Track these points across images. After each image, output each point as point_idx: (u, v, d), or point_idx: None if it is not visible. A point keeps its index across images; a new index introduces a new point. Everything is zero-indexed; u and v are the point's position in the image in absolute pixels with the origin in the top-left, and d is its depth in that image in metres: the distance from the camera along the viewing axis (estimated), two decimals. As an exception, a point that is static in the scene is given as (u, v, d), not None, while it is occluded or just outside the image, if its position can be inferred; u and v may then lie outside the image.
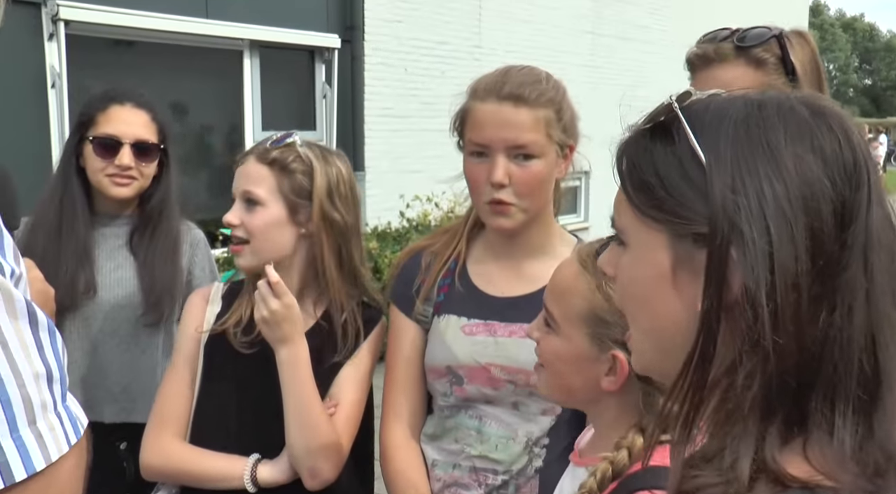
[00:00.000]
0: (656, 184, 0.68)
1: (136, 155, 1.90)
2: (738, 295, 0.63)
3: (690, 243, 0.66)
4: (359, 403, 1.61)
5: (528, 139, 1.41)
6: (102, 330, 1.91)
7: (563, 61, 8.80)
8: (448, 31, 7.86)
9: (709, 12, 11.66)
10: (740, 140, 0.65)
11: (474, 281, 1.52)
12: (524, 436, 1.46)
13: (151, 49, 5.73)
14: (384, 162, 7.32)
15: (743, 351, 0.63)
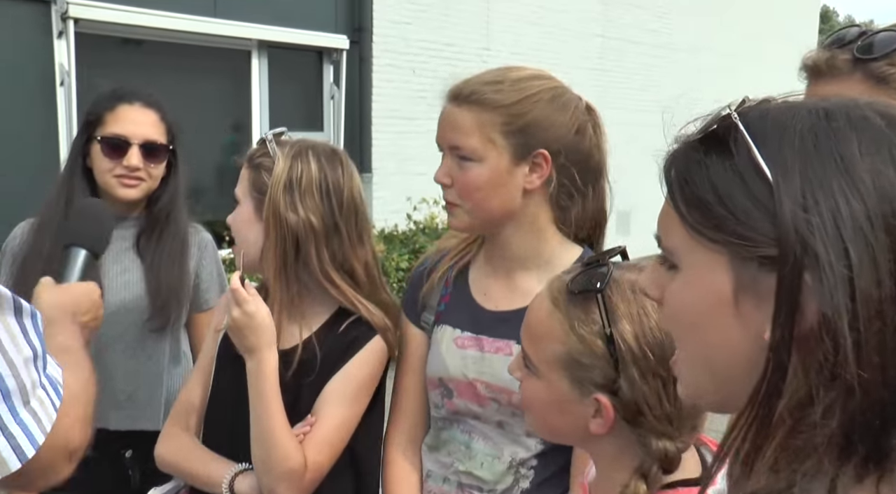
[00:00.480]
0: (714, 202, 0.62)
1: (144, 155, 1.86)
2: (812, 324, 0.57)
3: (756, 267, 0.61)
4: (342, 421, 1.49)
5: (463, 141, 1.36)
6: (107, 335, 1.85)
7: (571, 64, 8.79)
8: (456, 33, 7.86)
9: (718, 17, 11.64)
10: (809, 152, 0.60)
11: (472, 292, 1.49)
12: (509, 456, 1.41)
13: (160, 48, 5.74)
14: (391, 163, 7.32)
15: (821, 385, 0.57)
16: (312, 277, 1.50)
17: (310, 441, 1.46)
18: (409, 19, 7.40)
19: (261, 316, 1.43)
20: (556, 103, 1.38)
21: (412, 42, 7.44)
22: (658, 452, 0.94)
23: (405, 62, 7.39)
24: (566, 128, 1.38)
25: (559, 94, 1.39)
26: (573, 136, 1.39)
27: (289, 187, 1.47)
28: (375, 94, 7.14)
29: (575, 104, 1.41)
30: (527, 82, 1.38)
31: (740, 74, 11.84)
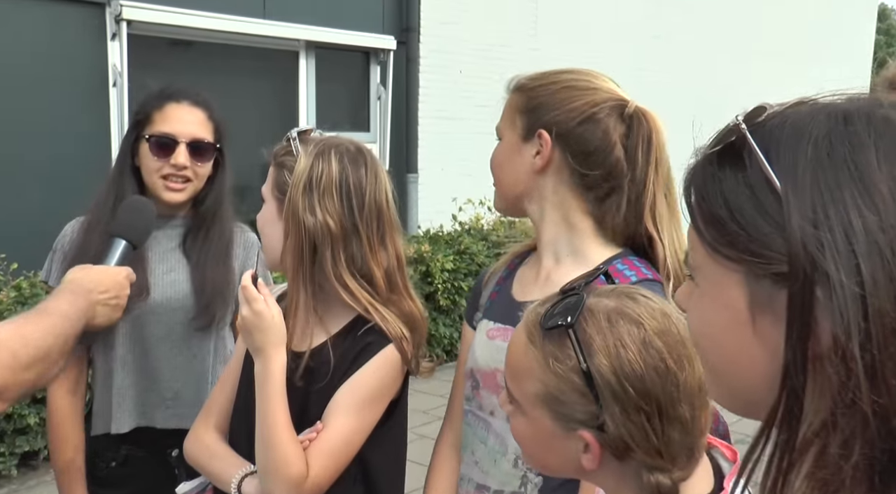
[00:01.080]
0: (727, 218, 0.60)
1: (191, 154, 1.85)
2: (827, 344, 0.54)
3: (770, 284, 0.58)
4: (349, 432, 1.42)
5: (499, 124, 1.47)
6: (154, 334, 1.86)
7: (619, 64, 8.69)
8: (504, 32, 7.82)
9: (771, 18, 11.39)
10: (822, 161, 0.56)
11: (513, 286, 1.51)
12: (513, 454, 1.38)
13: (209, 49, 5.82)
14: (437, 164, 7.31)
15: (838, 412, 0.53)
16: (328, 281, 1.46)
17: (313, 450, 1.41)
18: (457, 19, 7.38)
19: (269, 315, 1.40)
20: (572, 92, 1.38)
21: (459, 42, 7.43)
22: (651, 487, 0.89)
23: (452, 62, 7.38)
24: (572, 114, 1.37)
25: (582, 86, 1.39)
26: (577, 124, 1.37)
27: (308, 188, 1.43)
28: (422, 95, 7.14)
29: (596, 98, 1.38)
30: (557, 74, 1.43)
31: (793, 77, 11.58)
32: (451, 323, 6.03)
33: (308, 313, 1.49)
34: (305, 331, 1.50)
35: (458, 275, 6.05)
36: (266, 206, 1.54)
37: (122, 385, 1.87)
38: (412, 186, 7.06)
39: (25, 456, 4.13)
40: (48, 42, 4.99)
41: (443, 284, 5.91)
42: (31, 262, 4.43)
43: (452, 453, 1.55)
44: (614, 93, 1.41)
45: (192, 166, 1.86)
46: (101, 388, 1.90)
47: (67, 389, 1.90)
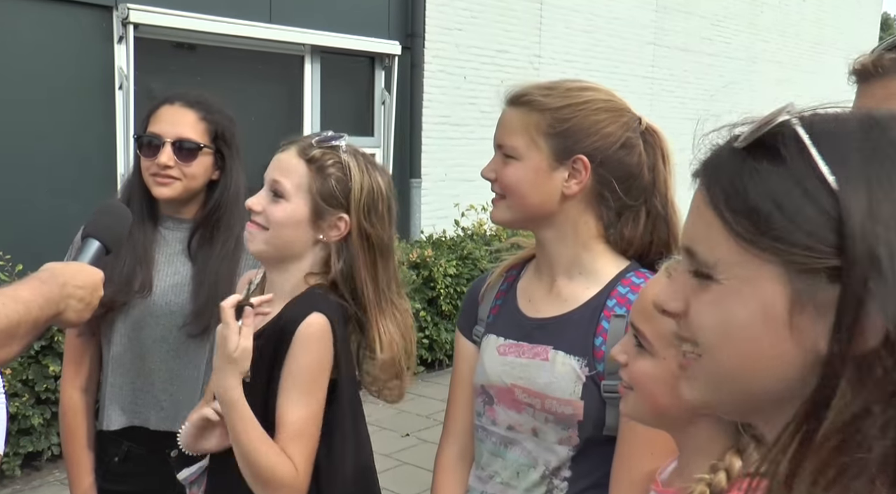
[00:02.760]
0: (772, 210, 0.59)
1: (176, 153, 1.85)
2: (874, 338, 0.55)
3: (816, 278, 0.58)
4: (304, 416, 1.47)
5: (508, 140, 1.42)
6: (152, 336, 1.87)
7: (624, 72, 8.72)
8: (508, 40, 7.85)
9: (774, 25, 11.41)
10: (868, 161, 0.58)
11: (518, 300, 1.51)
12: (542, 465, 1.41)
13: (215, 53, 5.85)
14: (440, 169, 7.33)
15: (876, 402, 0.55)
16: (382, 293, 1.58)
17: (288, 442, 1.45)
18: (462, 25, 7.41)
19: (233, 347, 1.42)
20: (603, 115, 1.40)
21: (464, 48, 7.46)
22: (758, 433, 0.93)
23: (457, 68, 7.41)
24: (610, 140, 1.39)
25: (609, 108, 1.41)
26: (617, 150, 1.39)
27: (368, 205, 1.55)
28: (426, 100, 7.16)
29: (625, 120, 1.41)
30: (578, 92, 1.41)
31: (796, 84, 11.60)
32: (453, 329, 6.03)
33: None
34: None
35: (461, 281, 6.06)
36: (289, 205, 1.53)
37: (116, 383, 1.89)
38: (415, 191, 7.08)
39: (29, 457, 4.15)
40: (55, 45, 5.01)
41: (445, 289, 5.93)
42: (36, 264, 4.43)
43: (458, 465, 1.56)
44: (632, 111, 1.44)
45: (178, 166, 1.85)
46: (104, 385, 1.93)
47: (78, 385, 1.94)
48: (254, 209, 1.55)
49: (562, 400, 1.37)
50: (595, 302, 1.40)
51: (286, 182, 1.53)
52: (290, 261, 1.56)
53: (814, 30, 12.27)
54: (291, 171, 1.54)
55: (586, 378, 1.36)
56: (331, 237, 1.55)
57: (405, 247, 6.00)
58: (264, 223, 1.54)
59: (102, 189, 5.29)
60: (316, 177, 1.53)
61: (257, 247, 1.55)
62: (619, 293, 1.39)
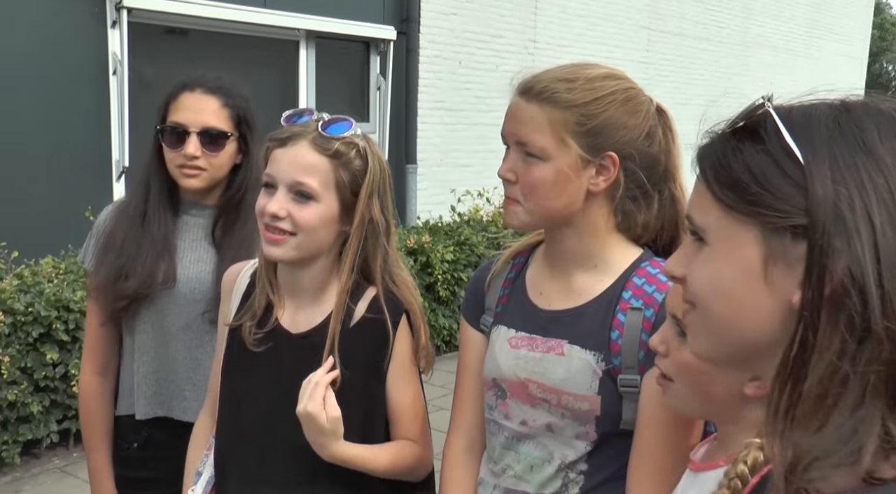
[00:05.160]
0: (749, 181, 0.70)
1: (203, 143, 1.80)
2: (838, 284, 0.64)
3: (786, 236, 0.68)
4: (417, 395, 1.58)
5: (530, 138, 1.31)
6: (175, 325, 1.84)
7: (619, 57, 8.70)
8: (503, 24, 7.82)
9: (768, 10, 11.39)
10: (835, 138, 0.68)
11: (528, 292, 1.46)
12: (559, 459, 1.38)
13: (210, 38, 5.82)
14: (436, 155, 7.33)
15: (850, 339, 0.64)
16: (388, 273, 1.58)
17: (412, 427, 1.56)
18: (457, 10, 7.38)
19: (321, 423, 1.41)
20: (629, 106, 1.33)
21: (459, 33, 7.43)
22: None
23: (452, 54, 7.39)
24: (637, 131, 1.33)
25: (632, 96, 1.35)
26: (643, 140, 1.34)
27: (379, 188, 1.51)
28: (422, 86, 7.14)
29: (647, 107, 1.36)
30: (601, 82, 1.33)
31: (791, 68, 11.59)
32: (451, 315, 6.05)
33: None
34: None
35: (458, 266, 6.07)
36: (320, 205, 1.46)
37: (142, 372, 1.88)
38: (411, 177, 7.07)
39: (28, 445, 4.15)
40: (48, 30, 4.98)
41: (442, 275, 5.94)
42: (32, 250, 4.45)
43: (467, 458, 1.53)
44: (645, 93, 1.39)
45: (205, 156, 1.81)
46: (125, 371, 1.92)
47: (96, 370, 1.94)
48: (278, 215, 1.43)
49: (578, 395, 1.34)
50: (609, 294, 1.36)
51: (312, 182, 1.44)
52: (318, 258, 1.51)
53: (808, 14, 12.24)
54: (315, 170, 1.44)
55: (602, 373, 1.33)
56: (351, 225, 1.50)
57: (402, 233, 6.01)
58: (290, 228, 1.45)
59: (97, 175, 5.28)
60: (342, 172, 1.46)
61: (287, 255, 1.47)
62: (635, 284, 1.35)
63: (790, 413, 0.66)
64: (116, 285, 1.82)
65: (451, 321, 6.03)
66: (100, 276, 1.87)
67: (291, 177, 1.44)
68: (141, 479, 1.92)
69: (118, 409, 1.95)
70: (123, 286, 1.81)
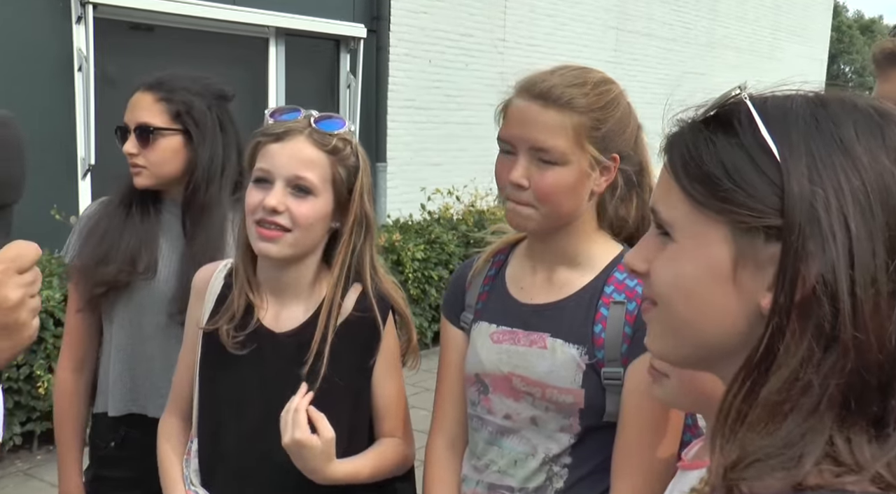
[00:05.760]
0: (722, 176, 0.66)
1: (139, 141, 1.80)
2: (810, 290, 0.62)
3: (757, 236, 0.65)
4: (401, 391, 1.59)
5: (550, 143, 1.31)
6: (153, 323, 1.82)
7: (587, 56, 8.76)
8: (473, 23, 7.84)
9: (733, 12, 11.56)
10: (812, 133, 0.64)
11: (508, 287, 1.47)
12: (542, 453, 1.39)
13: (178, 34, 5.76)
14: (406, 153, 7.33)
15: (817, 347, 0.62)
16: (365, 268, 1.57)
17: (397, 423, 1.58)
18: (427, 9, 7.39)
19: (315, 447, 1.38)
20: (625, 110, 1.39)
21: (429, 32, 7.44)
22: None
23: (422, 52, 7.39)
24: (631, 134, 1.39)
25: (625, 100, 1.40)
26: (634, 142, 1.40)
27: (368, 187, 1.52)
28: (392, 84, 7.14)
29: (633, 111, 1.41)
30: (605, 86, 1.36)
31: (755, 69, 11.77)
32: (421, 313, 6.06)
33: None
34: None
35: (429, 265, 6.08)
36: (318, 201, 1.46)
37: (118, 368, 1.86)
38: (381, 175, 7.07)
39: (-9, 446, 4.09)
40: (11, 25, 4.89)
41: (413, 273, 5.94)
42: (-5, 249, 4.37)
43: (449, 455, 1.53)
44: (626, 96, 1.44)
45: (141, 153, 1.81)
46: (102, 367, 1.91)
47: (72, 366, 1.92)
48: (277, 209, 1.41)
49: (562, 388, 1.36)
50: (591, 288, 1.39)
51: (312, 176, 1.43)
52: (309, 254, 1.50)
53: (771, 16, 12.44)
54: (315, 164, 1.44)
55: (586, 366, 1.35)
56: (346, 223, 1.51)
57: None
58: (287, 223, 1.43)
59: (63, 173, 5.20)
60: (339, 168, 1.47)
61: (283, 252, 1.45)
62: (617, 279, 1.38)
63: (743, 416, 0.65)
64: (97, 269, 1.81)
65: (422, 319, 6.04)
66: (81, 260, 1.86)
67: (291, 171, 1.43)
68: (118, 479, 1.90)
69: (96, 406, 1.93)
70: (104, 270, 1.79)
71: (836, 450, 0.61)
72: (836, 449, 0.61)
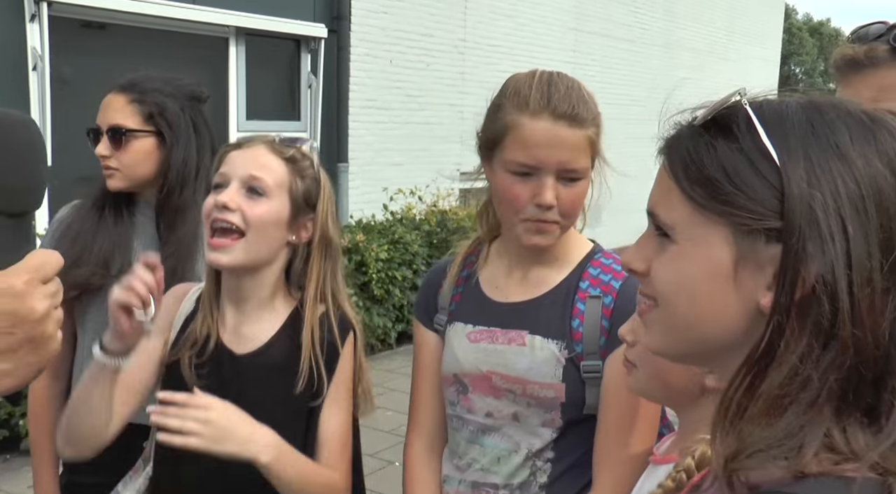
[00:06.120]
0: (723, 180, 0.68)
1: (111, 143, 1.79)
2: (809, 289, 0.64)
3: (758, 238, 0.67)
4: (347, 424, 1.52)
5: (580, 163, 1.35)
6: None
7: (546, 57, 8.84)
8: (433, 23, 7.86)
9: (691, 13, 11.75)
10: (809, 139, 0.67)
11: (482, 287, 1.50)
12: (525, 449, 1.42)
13: (136, 33, 5.68)
14: (367, 154, 7.32)
15: (817, 344, 0.65)
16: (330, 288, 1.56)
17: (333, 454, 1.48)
18: (388, 9, 7.39)
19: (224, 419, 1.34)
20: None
21: (390, 32, 7.44)
22: None
23: (383, 52, 7.39)
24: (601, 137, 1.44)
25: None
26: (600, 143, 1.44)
27: (331, 208, 1.53)
28: (353, 84, 7.13)
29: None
30: (587, 93, 1.40)
31: (711, 70, 11.98)
32: (385, 313, 6.07)
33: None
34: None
35: (393, 265, 6.09)
36: (272, 203, 1.45)
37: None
38: (343, 176, 7.05)
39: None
40: (-36, 23, 4.81)
41: (377, 274, 5.95)
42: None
43: (429, 456, 1.55)
44: None
45: (114, 155, 1.80)
46: (76, 373, 1.89)
47: (46, 373, 1.87)
48: (228, 206, 1.41)
49: (543, 383, 1.38)
50: (567, 284, 1.43)
51: (267, 178, 1.44)
52: (264, 266, 1.49)
53: (726, 18, 12.68)
54: (270, 168, 1.46)
55: (566, 360, 1.38)
56: (301, 238, 1.51)
57: (334, 231, 5.99)
58: (240, 223, 1.42)
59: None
60: (295, 176, 1.48)
61: (236, 260, 1.43)
62: (591, 274, 1.42)
63: (743, 409, 0.67)
64: (69, 272, 1.77)
65: (386, 319, 6.05)
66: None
67: (246, 171, 1.45)
68: (92, 485, 1.88)
69: None
70: (76, 273, 1.76)
71: (833, 441, 0.64)
72: (833, 440, 0.64)
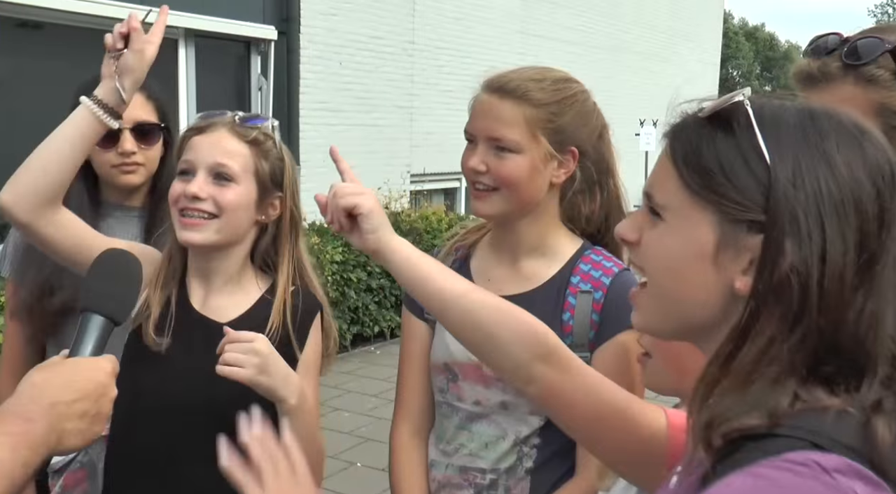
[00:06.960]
0: (717, 171, 0.75)
1: (137, 139, 1.79)
2: (785, 279, 0.71)
3: (741, 227, 0.74)
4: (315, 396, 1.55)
5: (504, 133, 1.41)
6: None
7: (494, 59, 8.91)
8: (382, 26, 7.87)
9: (631, 18, 12.00)
10: (799, 143, 0.74)
11: (475, 280, 1.51)
12: (513, 435, 1.46)
13: (81, 34, 5.53)
14: (319, 156, 7.27)
15: (786, 328, 0.72)
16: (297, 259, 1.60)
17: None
18: (337, 11, 7.37)
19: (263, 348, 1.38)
20: (587, 106, 1.48)
21: (339, 34, 7.41)
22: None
23: (333, 54, 7.36)
24: (593, 131, 1.48)
25: (587, 99, 1.49)
26: (596, 139, 1.49)
27: (295, 184, 1.56)
28: (303, 86, 7.08)
29: (598, 109, 1.51)
30: (564, 84, 1.46)
31: (654, 73, 12.25)
32: (341, 315, 6.04)
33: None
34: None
35: (347, 267, 6.08)
36: (240, 188, 1.48)
37: None
38: (294, 178, 7.00)
39: None
40: None
41: (332, 276, 5.92)
42: None
43: (416, 442, 1.58)
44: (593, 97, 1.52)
45: (141, 151, 1.79)
46: None
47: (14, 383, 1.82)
48: (199, 196, 1.44)
49: None
50: (559, 279, 1.48)
51: (233, 164, 1.48)
52: (234, 245, 1.53)
53: (668, 22, 12.98)
54: (235, 154, 1.49)
55: None
56: (270, 217, 1.54)
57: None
58: (212, 209, 1.46)
59: None
60: (259, 158, 1.51)
61: (209, 239, 1.46)
62: (582, 270, 1.47)
63: (717, 382, 0.74)
64: (42, 302, 1.73)
65: (341, 321, 6.02)
66: (23, 294, 1.77)
67: (212, 159, 1.47)
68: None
69: None
70: (49, 302, 1.72)
71: (800, 397, 0.71)
72: (800, 397, 0.71)
